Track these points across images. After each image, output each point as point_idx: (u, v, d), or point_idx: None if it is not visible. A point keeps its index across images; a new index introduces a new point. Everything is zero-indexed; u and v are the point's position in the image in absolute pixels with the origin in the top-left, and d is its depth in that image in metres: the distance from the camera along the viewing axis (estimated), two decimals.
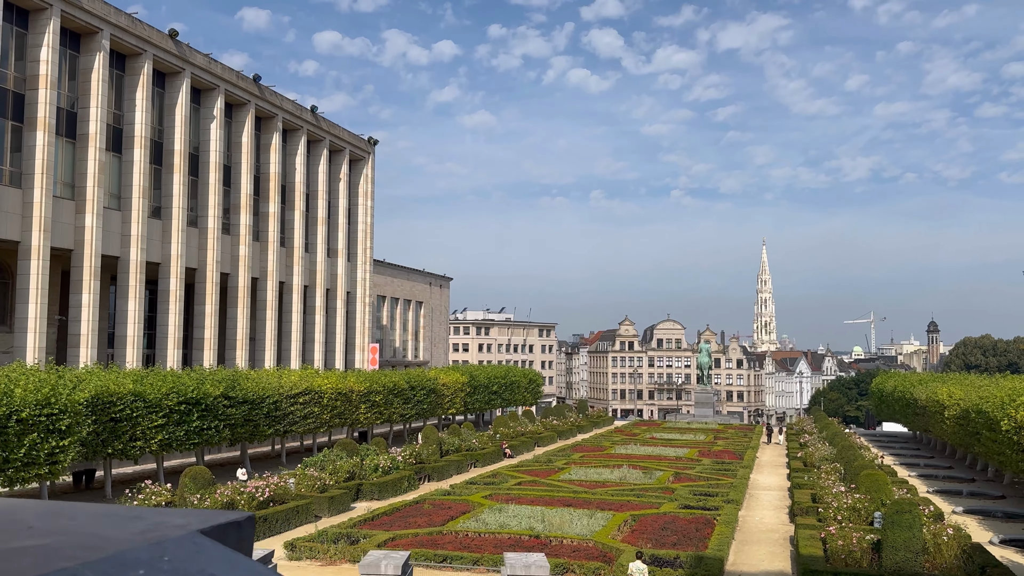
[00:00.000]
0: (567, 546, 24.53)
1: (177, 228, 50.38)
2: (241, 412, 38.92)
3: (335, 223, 70.31)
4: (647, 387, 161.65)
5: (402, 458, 39.67)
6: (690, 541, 25.42)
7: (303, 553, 24.36)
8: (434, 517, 28.65)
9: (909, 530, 20.94)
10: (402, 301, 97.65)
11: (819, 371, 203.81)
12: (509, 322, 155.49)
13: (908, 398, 56.40)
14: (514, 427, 57.15)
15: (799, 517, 28.20)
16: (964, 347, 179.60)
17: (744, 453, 52.36)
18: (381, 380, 52.97)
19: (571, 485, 36.30)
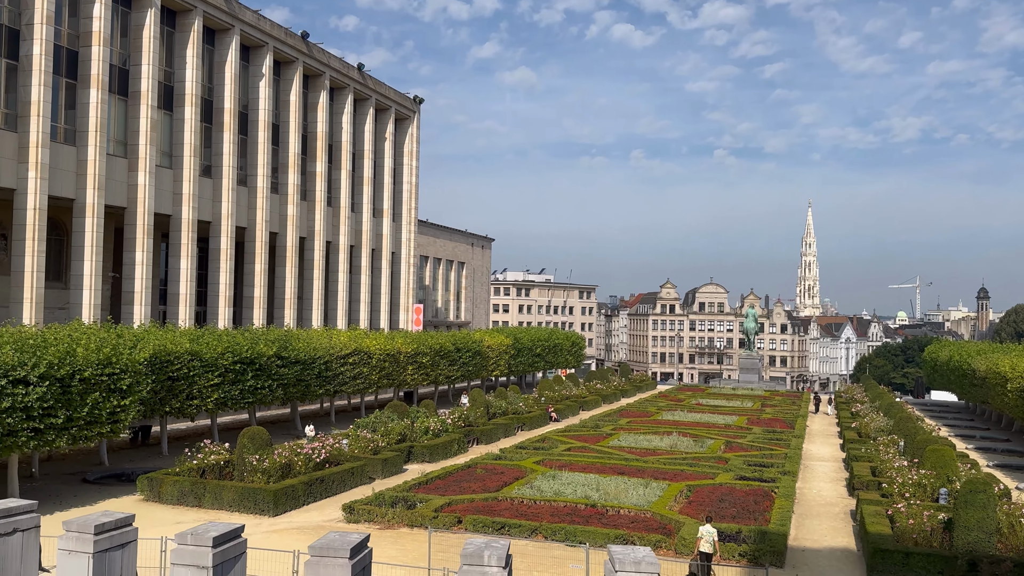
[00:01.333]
0: (624, 516, 24.27)
1: (227, 187, 50.49)
2: (293, 372, 39.17)
3: (380, 183, 70.10)
4: (687, 351, 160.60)
5: (451, 421, 39.71)
6: (750, 514, 24.97)
7: (361, 516, 24.43)
8: (488, 482, 28.56)
9: (983, 510, 20.26)
10: (444, 261, 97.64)
11: (864, 337, 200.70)
12: (549, 284, 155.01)
13: (965, 368, 54.99)
14: (559, 391, 56.98)
15: (861, 492, 27.57)
16: (1016, 314, 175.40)
17: (794, 422, 51.63)
18: (428, 342, 53.03)
19: (622, 452, 35.99)
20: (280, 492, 25.55)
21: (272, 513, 25.16)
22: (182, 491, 26.15)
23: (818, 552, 22.60)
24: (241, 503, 25.47)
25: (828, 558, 22.03)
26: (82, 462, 32.64)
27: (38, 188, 38.44)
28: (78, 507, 25.14)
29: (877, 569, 19.83)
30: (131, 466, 31.83)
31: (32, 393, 23.24)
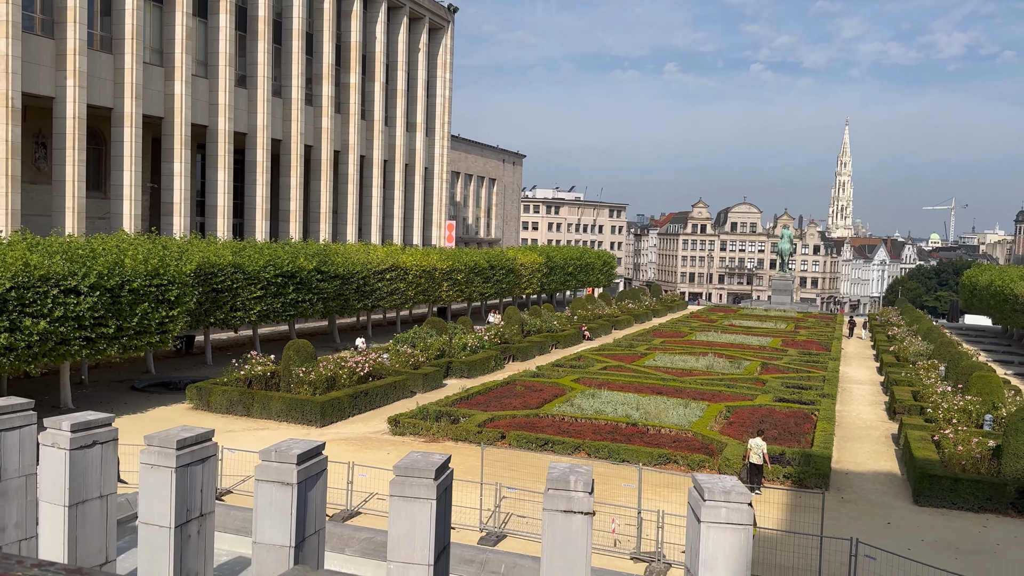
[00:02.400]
0: (666, 436, 24.41)
1: (262, 97, 49.87)
2: (333, 286, 39.38)
3: (414, 96, 68.94)
4: (717, 271, 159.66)
5: (487, 338, 39.93)
6: (792, 436, 25.00)
7: (406, 429, 24.82)
8: (528, 399, 28.82)
9: None
10: (475, 178, 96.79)
11: (898, 259, 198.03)
12: (579, 201, 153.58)
13: (1007, 293, 54.07)
14: (592, 309, 56.99)
15: (904, 416, 27.47)
16: None
17: (830, 344, 51.41)
18: (462, 259, 53.01)
19: (658, 372, 36.09)
20: (327, 404, 25.98)
21: (319, 424, 25.64)
22: (231, 400, 26.66)
23: (862, 476, 22.67)
24: (289, 413, 25.96)
25: (872, 482, 22.09)
26: (129, 370, 33.35)
27: (76, 96, 38.13)
28: (129, 414, 25.79)
29: (924, 494, 19.85)
30: (177, 375, 32.50)
31: (83, 303, 23.52)
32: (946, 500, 19.60)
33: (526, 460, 21.98)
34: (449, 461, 8.47)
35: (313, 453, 8.77)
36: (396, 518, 8.03)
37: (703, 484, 7.81)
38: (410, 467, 8.01)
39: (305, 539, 8.64)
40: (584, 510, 7.64)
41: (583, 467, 8.14)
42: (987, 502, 19.27)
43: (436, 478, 7.98)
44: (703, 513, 7.56)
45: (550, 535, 7.77)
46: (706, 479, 7.99)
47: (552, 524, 7.72)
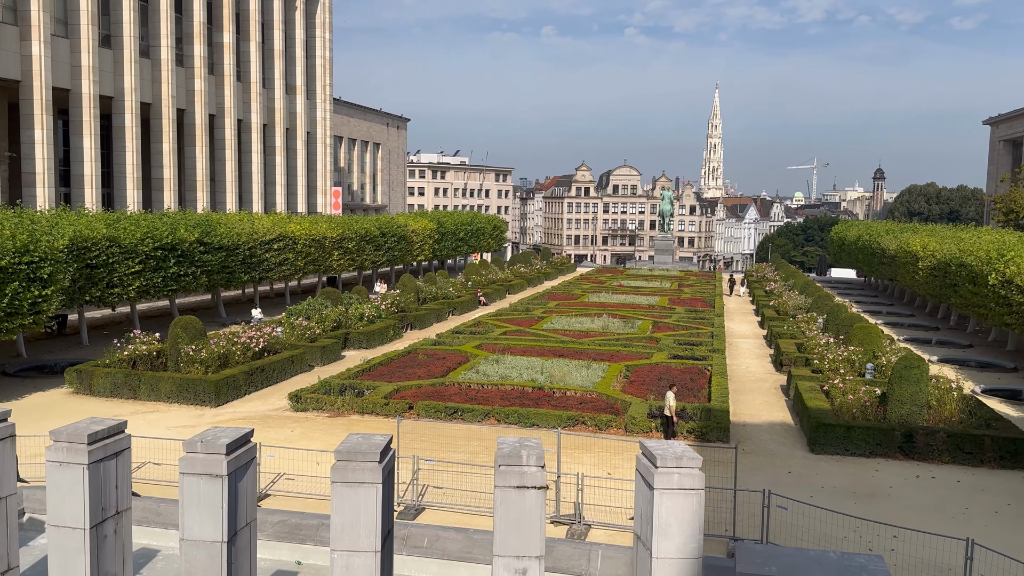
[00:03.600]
0: (572, 398, 24.66)
1: (129, 58, 46.64)
2: (217, 258, 37.60)
3: (292, 57, 66.30)
4: (601, 233, 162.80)
5: (384, 307, 39.20)
6: (690, 392, 25.75)
7: (308, 404, 24.05)
8: (432, 368, 28.48)
9: (916, 384, 21.38)
10: (359, 143, 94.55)
11: (767, 217, 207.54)
12: (465, 166, 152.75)
13: (875, 247, 57.45)
14: (485, 275, 56.93)
15: (793, 368, 28.74)
16: (909, 195, 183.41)
17: (713, 301, 53.31)
18: (353, 226, 51.73)
19: (557, 335, 36.43)
20: (221, 382, 24.82)
21: (214, 404, 24.49)
22: (115, 383, 25.08)
23: (758, 427, 23.61)
24: (180, 394, 24.67)
25: (769, 432, 23.04)
26: None
27: None
28: (3, 401, 23.86)
29: (819, 443, 20.85)
30: (52, 357, 30.35)
31: None
32: (840, 447, 20.66)
33: (437, 430, 21.71)
34: (391, 441, 8.10)
35: (242, 441, 8.20)
36: (339, 504, 7.62)
37: (654, 451, 7.77)
38: (352, 451, 7.59)
39: (237, 532, 8.10)
40: (538, 484, 7.46)
41: (532, 440, 7.96)
42: (877, 447, 20.44)
43: (381, 460, 7.61)
44: (656, 480, 7.54)
45: (503, 511, 7.56)
46: (655, 445, 7.96)
47: (505, 500, 7.51)
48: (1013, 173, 69.06)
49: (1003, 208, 57.08)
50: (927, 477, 19.13)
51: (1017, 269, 29.73)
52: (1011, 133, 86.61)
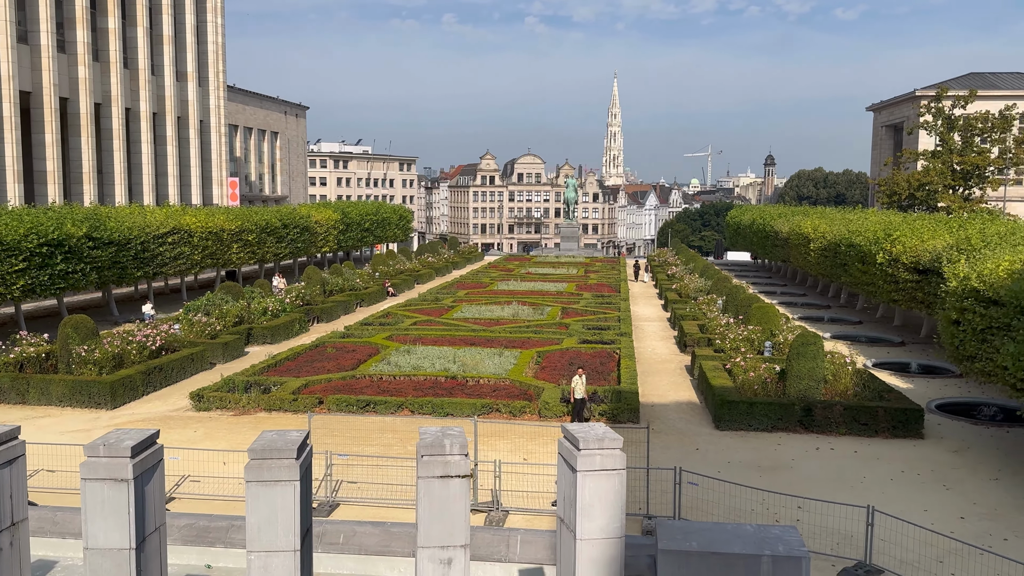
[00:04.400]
0: (486, 386, 24.67)
1: (5, 44, 43.80)
2: (108, 254, 35.85)
3: (183, 43, 63.64)
4: (507, 221, 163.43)
5: (289, 300, 38.26)
6: (600, 375, 26.15)
7: (212, 404, 23.24)
8: (341, 361, 27.96)
9: (813, 360, 22.31)
10: (256, 131, 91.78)
11: (666, 203, 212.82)
12: (368, 155, 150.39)
13: (768, 230, 59.66)
14: (393, 265, 56.30)
15: (697, 348, 29.53)
16: (798, 179, 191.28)
17: (619, 286, 54.30)
18: (253, 218, 50.24)
19: (468, 324, 36.36)
20: (117, 383, 23.70)
21: (110, 406, 23.38)
22: (1, 388, 23.61)
23: (666, 406, 24.19)
24: (73, 397, 23.43)
25: (676, 412, 23.63)
26: None
27: None
28: None
29: (724, 419, 21.52)
30: None
31: None
32: (743, 423, 21.39)
33: (349, 424, 21.37)
34: (308, 437, 7.86)
35: (148, 443, 7.80)
36: (255, 504, 7.34)
37: (576, 433, 7.80)
38: (267, 448, 7.32)
39: (145, 538, 7.71)
40: (462, 473, 7.38)
41: (455, 429, 7.86)
42: (778, 421, 21.25)
43: (298, 457, 7.37)
44: (579, 462, 7.57)
45: (426, 502, 7.44)
46: (577, 428, 8.00)
47: (428, 491, 7.40)
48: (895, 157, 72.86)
49: (886, 191, 60.12)
50: (826, 448, 20.01)
51: (903, 248, 31.39)
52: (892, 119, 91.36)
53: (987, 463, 19.20)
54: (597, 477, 7.62)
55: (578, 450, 7.71)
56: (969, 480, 18.00)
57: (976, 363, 20.50)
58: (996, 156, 58.17)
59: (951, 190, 58.33)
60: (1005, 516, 15.97)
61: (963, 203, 56.10)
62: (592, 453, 7.67)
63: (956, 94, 59.93)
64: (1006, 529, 15.29)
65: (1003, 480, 18.05)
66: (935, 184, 57.07)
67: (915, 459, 19.29)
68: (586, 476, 7.61)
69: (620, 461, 7.77)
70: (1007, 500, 16.84)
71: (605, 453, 7.70)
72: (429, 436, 7.65)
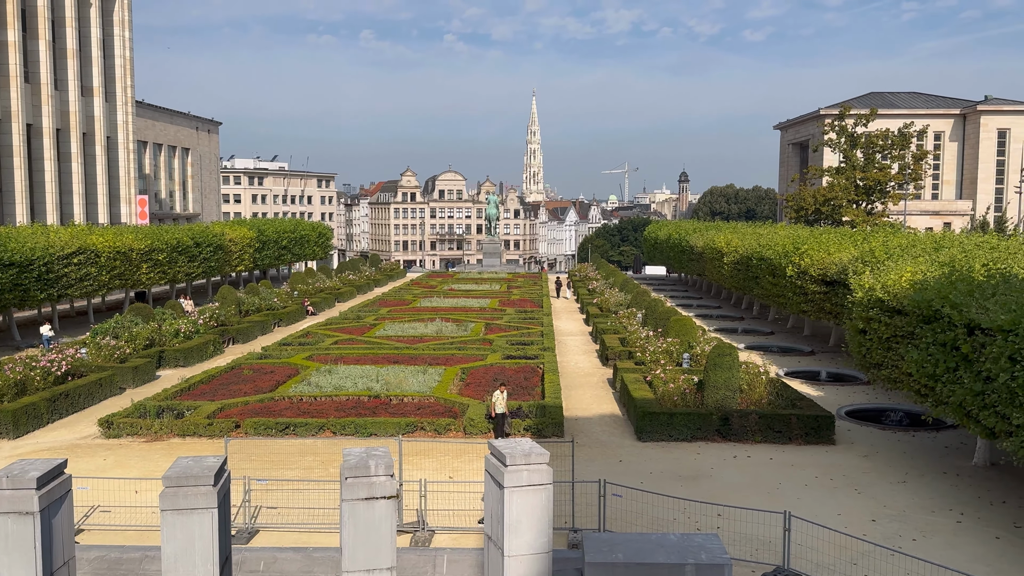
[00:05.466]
0: (410, 404, 24.42)
1: None
2: (8, 276, 34.18)
3: (88, 57, 61.49)
4: (429, 238, 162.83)
5: (202, 321, 37.13)
6: (524, 390, 26.23)
7: (122, 430, 22.32)
8: (259, 383, 27.25)
9: (729, 371, 22.89)
10: (166, 148, 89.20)
11: (586, 219, 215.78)
12: (285, 172, 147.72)
13: (684, 245, 61.09)
14: (313, 283, 55.33)
15: (617, 361, 29.94)
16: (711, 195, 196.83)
17: (541, 301, 54.66)
18: (163, 237, 48.68)
19: (391, 341, 35.99)
20: (19, 411, 22.55)
21: (12, 436, 22.23)
22: None
23: (590, 420, 24.41)
24: None
25: (599, 424, 23.88)
26: None
27: None
28: None
29: (646, 431, 21.85)
30: None
31: None
32: (664, 434, 21.76)
33: (267, 448, 20.83)
34: (226, 463, 7.61)
35: (55, 473, 7.42)
36: (171, 533, 7.06)
37: (503, 450, 7.78)
38: (183, 475, 7.06)
39: (54, 573, 7.32)
40: (388, 494, 7.27)
41: (380, 449, 7.74)
42: (698, 431, 21.71)
43: (215, 483, 7.13)
44: (506, 479, 7.54)
45: (351, 525, 7.29)
46: (503, 444, 7.97)
47: (353, 514, 7.25)
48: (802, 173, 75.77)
49: (794, 206, 62.45)
50: (743, 456, 20.53)
51: (811, 261, 32.59)
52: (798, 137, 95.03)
53: (895, 467, 20.02)
54: (524, 493, 7.62)
55: (505, 466, 7.69)
56: (879, 484, 18.72)
57: (882, 370, 21.40)
58: (896, 172, 61.16)
59: (855, 205, 60.98)
60: (913, 517, 16.66)
61: (866, 217, 58.72)
62: (519, 469, 7.66)
63: (858, 113, 62.85)
64: (914, 530, 15.95)
65: (910, 483, 18.84)
66: (840, 199, 59.57)
67: (827, 465, 19.96)
68: (513, 492, 7.60)
69: (547, 476, 7.79)
70: (914, 502, 17.57)
71: (532, 468, 7.70)
72: (353, 457, 7.52)
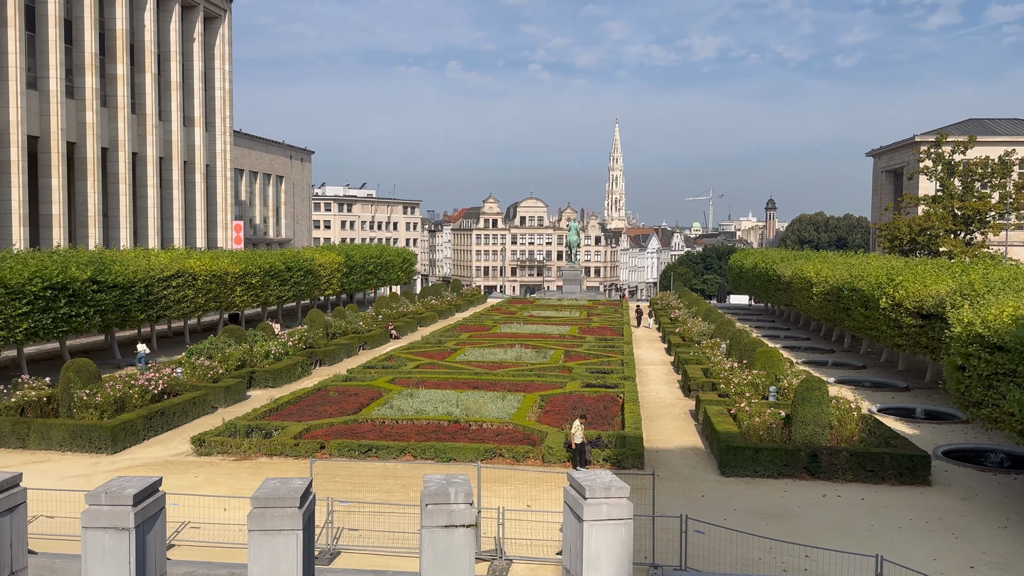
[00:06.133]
0: (489, 430, 24.50)
1: (15, 90, 44.46)
2: (112, 297, 35.92)
3: (190, 89, 64.62)
4: (510, 264, 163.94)
5: (291, 343, 38.21)
6: (604, 420, 25.99)
7: (213, 448, 23.08)
8: (343, 405, 27.83)
9: (818, 405, 22.17)
10: (261, 175, 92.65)
11: (668, 247, 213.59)
12: (372, 199, 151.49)
13: (771, 274, 59.70)
14: (396, 308, 56.32)
15: (701, 393, 29.39)
16: (799, 223, 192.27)
17: (621, 329, 54.20)
18: (256, 261, 50.41)
19: (470, 367, 36.24)
20: (118, 428, 23.58)
21: (110, 451, 23.23)
22: (1, 432, 23.49)
23: (671, 452, 23.99)
24: (73, 442, 23.30)
25: (681, 457, 23.43)
26: None
27: None
28: None
29: (729, 465, 21.32)
30: None
31: None
32: (749, 469, 21.18)
33: (350, 469, 21.19)
34: (311, 485, 7.80)
35: (150, 491, 7.74)
36: (258, 553, 7.26)
37: (582, 482, 7.73)
38: (271, 496, 7.26)
39: None
40: (467, 523, 7.31)
41: (460, 477, 7.80)
42: (784, 468, 21.05)
43: (301, 505, 7.30)
44: (585, 512, 7.48)
45: (431, 553, 7.35)
46: (583, 476, 7.93)
47: (432, 541, 7.31)
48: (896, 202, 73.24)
49: (888, 235, 60.36)
50: (833, 496, 19.79)
51: (906, 293, 31.38)
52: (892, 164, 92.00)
53: (996, 511, 18.96)
54: (604, 527, 7.54)
55: (584, 499, 7.63)
56: (978, 528, 17.75)
57: (982, 409, 20.36)
58: (997, 201, 58.48)
59: (952, 235, 58.52)
60: (1016, 565, 15.73)
61: (964, 248, 56.24)
62: (599, 502, 7.59)
63: (955, 140, 60.50)
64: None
65: (1012, 528, 17.81)
66: (936, 229, 57.29)
67: (923, 507, 19.06)
68: (592, 526, 7.53)
69: (627, 510, 7.69)
70: (1017, 549, 16.59)
71: (612, 502, 7.62)
72: (433, 484, 7.59)
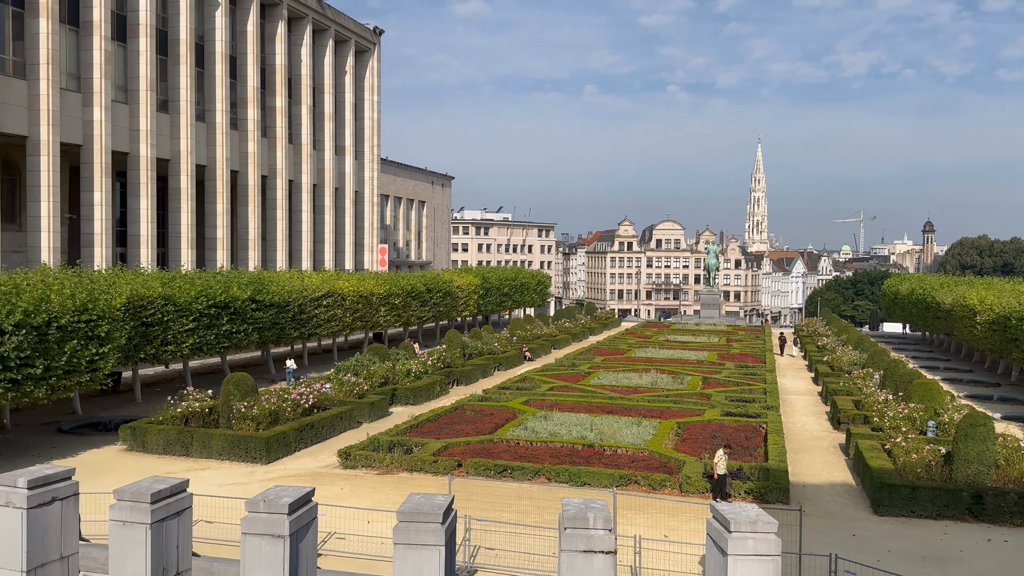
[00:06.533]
0: (623, 456, 24.18)
1: (185, 123, 48.27)
2: (268, 315, 38.13)
3: (342, 119, 68.03)
4: (645, 287, 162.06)
5: (430, 362, 39.23)
6: (745, 451, 25.12)
7: (358, 462, 23.95)
8: (480, 424, 28.25)
9: (983, 443, 20.56)
10: (405, 200, 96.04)
11: (815, 271, 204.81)
12: (508, 222, 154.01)
13: (929, 301, 56.13)
14: (531, 330, 56.80)
15: (851, 426, 27.92)
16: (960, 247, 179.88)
17: (764, 356, 52.36)
18: (399, 283, 52.22)
19: (605, 391, 35.98)
20: (272, 439, 24.90)
21: (264, 461, 24.54)
22: (168, 440, 25.31)
23: (819, 487, 22.86)
24: (231, 451, 24.78)
25: (830, 493, 22.28)
26: (54, 411, 31.44)
27: None
28: (59, 458, 24.17)
29: (884, 504, 20.07)
30: (107, 414, 30.75)
31: (8, 343, 21.98)
32: (905, 508, 19.86)
33: (486, 488, 21.43)
34: (453, 502, 7.95)
35: (304, 500, 8.13)
36: (402, 566, 7.46)
37: (727, 515, 7.49)
38: (415, 512, 7.46)
39: None
40: (606, 549, 7.23)
41: (598, 502, 7.74)
42: (944, 508, 19.60)
43: (443, 521, 7.45)
44: (730, 545, 7.24)
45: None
46: (727, 508, 7.68)
47: (571, 566, 7.28)
48: None
49: None
50: (999, 540, 18.25)
51: None
52: None
53: None
54: (749, 562, 7.26)
55: (729, 532, 7.39)
56: None
57: None
58: None
59: None
60: None
61: None
62: (744, 536, 7.32)
63: None
64: None
65: None
66: None
67: None
68: (737, 560, 7.27)
69: (775, 546, 7.38)
70: None
71: (758, 537, 7.33)
72: (572, 508, 7.56)
